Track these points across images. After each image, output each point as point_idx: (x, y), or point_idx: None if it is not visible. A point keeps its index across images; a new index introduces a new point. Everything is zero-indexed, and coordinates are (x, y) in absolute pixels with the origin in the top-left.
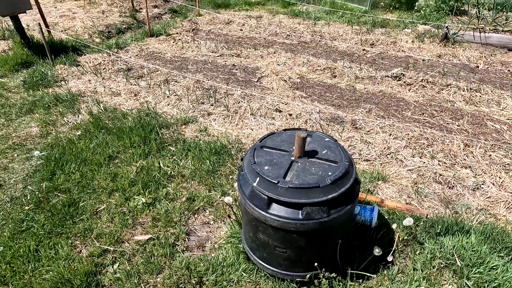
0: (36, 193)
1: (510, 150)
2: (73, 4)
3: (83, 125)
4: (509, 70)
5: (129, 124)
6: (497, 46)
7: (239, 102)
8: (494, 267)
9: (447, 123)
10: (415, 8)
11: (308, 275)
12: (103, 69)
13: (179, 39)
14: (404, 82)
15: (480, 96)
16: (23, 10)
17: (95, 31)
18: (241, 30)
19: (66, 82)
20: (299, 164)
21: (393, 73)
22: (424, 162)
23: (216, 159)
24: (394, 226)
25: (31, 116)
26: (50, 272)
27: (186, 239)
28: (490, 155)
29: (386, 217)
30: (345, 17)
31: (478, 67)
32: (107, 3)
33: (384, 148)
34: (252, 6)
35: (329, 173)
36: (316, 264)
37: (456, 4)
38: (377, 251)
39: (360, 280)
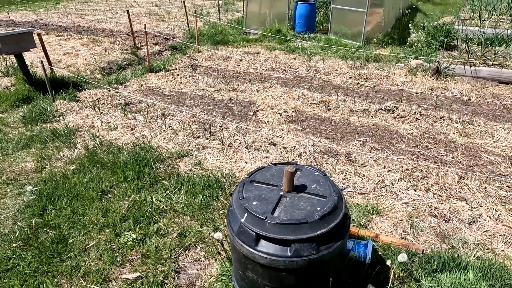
0: (26, 229)
1: (505, 182)
2: (77, 42)
3: (78, 159)
4: (500, 102)
5: (124, 158)
6: (488, 79)
7: (234, 135)
8: None
9: (441, 155)
10: (407, 43)
11: None
12: (102, 104)
13: (178, 75)
14: (398, 115)
15: (473, 128)
16: (27, 49)
17: (97, 67)
18: (238, 65)
19: (64, 117)
20: (287, 199)
21: (387, 106)
22: (419, 195)
23: (209, 193)
24: (388, 262)
25: (27, 150)
26: None
27: (176, 277)
28: (485, 188)
29: (381, 252)
30: (340, 53)
31: (470, 99)
32: (109, 41)
33: (379, 181)
34: (249, 43)
35: (318, 208)
36: None
37: (446, 39)
38: None
39: None
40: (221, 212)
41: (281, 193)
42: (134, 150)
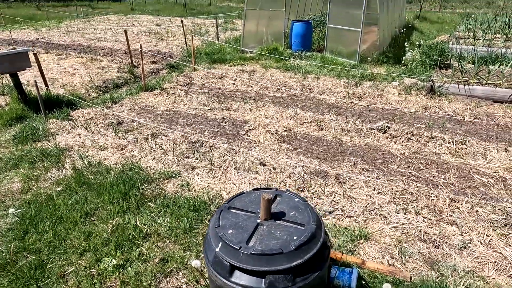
0: (4, 254)
1: (497, 206)
2: (76, 61)
3: (65, 180)
4: (494, 122)
5: (111, 179)
6: (482, 98)
7: (224, 155)
8: None
9: (433, 177)
10: (402, 62)
11: None
12: (94, 123)
13: (173, 93)
14: (390, 135)
15: (466, 148)
16: (22, 68)
17: (92, 86)
18: (233, 84)
19: (55, 137)
20: (264, 227)
21: (379, 126)
22: (409, 219)
23: (194, 216)
24: None
25: (15, 171)
26: None
27: None
28: (477, 211)
29: (366, 280)
30: (335, 71)
31: (464, 118)
32: (107, 60)
33: (368, 204)
34: (246, 61)
35: (294, 238)
36: None
37: (440, 58)
38: None
39: None
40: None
41: (258, 220)
42: (122, 170)
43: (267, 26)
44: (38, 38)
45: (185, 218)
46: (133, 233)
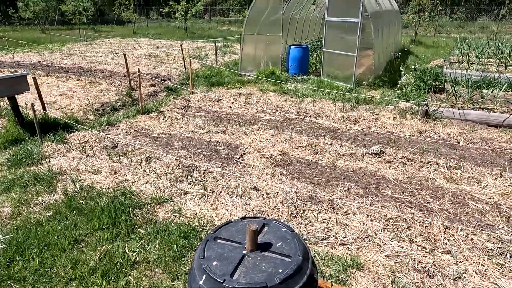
0: None
1: (492, 233)
2: (75, 83)
3: (56, 205)
4: (489, 146)
5: (102, 204)
6: (477, 122)
7: (218, 180)
8: None
9: (427, 202)
10: (398, 85)
11: None
12: (89, 146)
13: (169, 116)
14: (385, 159)
15: (461, 173)
16: (20, 92)
17: (90, 109)
18: (230, 107)
19: (48, 160)
20: (250, 259)
21: (373, 150)
22: (403, 247)
23: (184, 244)
24: None
25: (6, 195)
26: None
27: None
28: (472, 239)
29: None
30: (331, 95)
31: (458, 143)
32: (106, 83)
33: (361, 231)
34: (244, 84)
35: (280, 270)
36: None
37: (434, 82)
38: None
39: None
40: None
41: (244, 252)
42: (114, 195)
43: (264, 50)
44: (40, 61)
45: (175, 245)
46: (121, 261)
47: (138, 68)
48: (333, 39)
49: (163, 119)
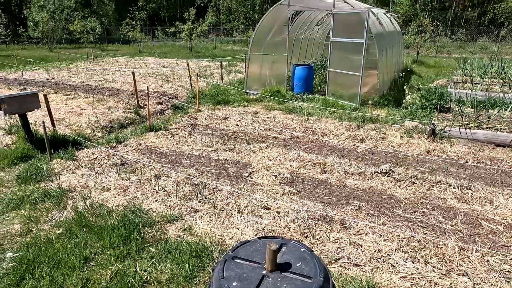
0: None
1: (508, 255)
2: (83, 101)
3: (66, 222)
4: (498, 166)
5: (112, 222)
6: (484, 142)
7: (227, 198)
8: None
9: (440, 223)
10: (403, 105)
11: None
12: (98, 163)
13: (177, 134)
14: (394, 179)
15: (472, 193)
16: (31, 109)
17: (98, 126)
18: (237, 125)
19: (58, 177)
20: (270, 279)
21: (382, 169)
22: (418, 268)
23: (196, 263)
24: None
25: (16, 212)
26: None
27: None
28: (488, 260)
29: None
30: (337, 114)
31: (467, 162)
32: (114, 100)
33: (375, 251)
34: (250, 103)
35: None
36: None
37: (439, 102)
38: None
39: None
40: (207, 284)
41: (264, 272)
42: (124, 213)
43: (270, 69)
44: (49, 79)
45: (187, 264)
46: (133, 280)
47: (147, 87)
48: (338, 59)
49: (171, 136)
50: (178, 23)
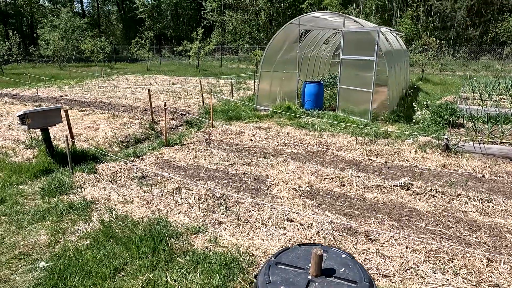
0: None
1: None
2: (98, 117)
3: (93, 233)
4: None
5: (139, 233)
6: (499, 157)
7: (250, 211)
8: None
9: (464, 235)
10: (413, 120)
11: None
12: (119, 176)
13: (193, 149)
14: (413, 192)
15: (493, 206)
16: (54, 124)
17: (115, 140)
18: (251, 140)
19: (82, 190)
20: (316, 284)
21: (401, 183)
22: (448, 279)
23: (226, 273)
24: None
25: (42, 223)
26: None
27: None
28: None
29: None
30: (348, 129)
31: (484, 177)
32: (129, 116)
33: (402, 263)
34: (261, 119)
35: None
36: None
37: (451, 118)
38: None
39: None
40: None
41: (309, 277)
42: (149, 224)
43: (280, 86)
44: (62, 96)
45: (217, 274)
46: None
47: (165, 102)
48: (348, 76)
49: (187, 151)
50: (186, 42)
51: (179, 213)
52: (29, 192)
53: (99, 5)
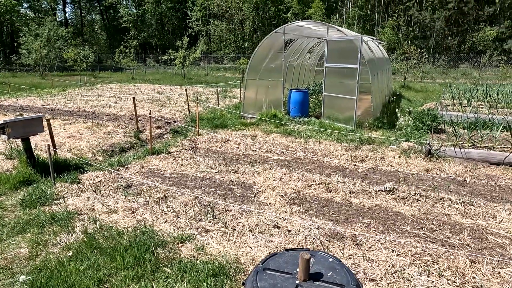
0: None
1: None
2: (82, 126)
3: (76, 245)
4: (495, 183)
5: (124, 243)
6: (478, 160)
7: (237, 218)
8: None
9: (447, 238)
10: (397, 127)
11: None
12: (103, 186)
13: (179, 157)
14: (398, 196)
15: (475, 209)
16: (35, 133)
17: (99, 150)
18: (237, 148)
19: (65, 200)
20: None
21: (386, 188)
22: (433, 281)
23: (213, 282)
24: None
25: (22, 236)
26: None
27: None
28: (499, 272)
29: None
30: (334, 136)
31: (465, 180)
32: (113, 125)
33: (389, 266)
34: (247, 126)
35: None
36: None
37: (433, 123)
38: None
39: None
40: None
41: (297, 281)
42: (134, 234)
43: (266, 94)
44: (44, 105)
45: (204, 283)
46: None
47: (150, 111)
48: (332, 84)
49: (173, 159)
50: (171, 50)
51: (165, 222)
52: (9, 203)
53: (83, 14)
